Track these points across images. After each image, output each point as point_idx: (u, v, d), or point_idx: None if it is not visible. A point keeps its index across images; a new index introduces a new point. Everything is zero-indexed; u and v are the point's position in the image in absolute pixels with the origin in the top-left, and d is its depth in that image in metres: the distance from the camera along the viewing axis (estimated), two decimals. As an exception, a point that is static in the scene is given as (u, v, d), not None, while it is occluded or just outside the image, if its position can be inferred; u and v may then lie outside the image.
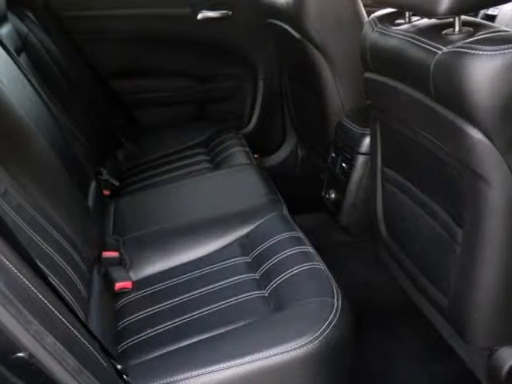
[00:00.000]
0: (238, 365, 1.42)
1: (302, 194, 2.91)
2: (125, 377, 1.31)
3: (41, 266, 1.23)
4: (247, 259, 1.90)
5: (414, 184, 1.95)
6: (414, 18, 1.83)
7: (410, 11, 1.81)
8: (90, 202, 2.19)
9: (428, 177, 1.86)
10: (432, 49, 1.58)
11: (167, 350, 1.56)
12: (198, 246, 2.01)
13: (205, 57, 3.38)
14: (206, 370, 1.41)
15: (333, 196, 2.70)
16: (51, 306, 1.06)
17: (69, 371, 1.01)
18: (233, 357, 1.43)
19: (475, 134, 1.49)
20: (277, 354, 1.43)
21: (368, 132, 2.33)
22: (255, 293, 1.72)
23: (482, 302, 1.69)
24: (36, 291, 1.04)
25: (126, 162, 3.01)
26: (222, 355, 1.45)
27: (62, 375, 1.01)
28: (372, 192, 2.28)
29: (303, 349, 1.44)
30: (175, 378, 1.40)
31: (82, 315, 1.50)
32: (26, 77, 2.16)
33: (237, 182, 2.50)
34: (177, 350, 1.55)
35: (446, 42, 1.57)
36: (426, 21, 1.79)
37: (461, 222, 1.69)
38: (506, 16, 2.46)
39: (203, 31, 3.25)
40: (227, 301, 1.70)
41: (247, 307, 1.67)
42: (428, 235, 1.88)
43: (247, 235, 2.03)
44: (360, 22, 2.47)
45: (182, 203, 2.36)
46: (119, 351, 1.61)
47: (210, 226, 2.10)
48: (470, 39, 1.51)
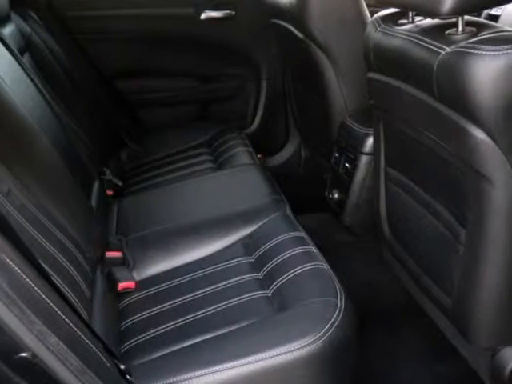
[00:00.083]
0: (242, 365, 1.41)
1: (305, 193, 2.91)
2: (128, 377, 1.31)
3: (44, 265, 1.23)
4: (250, 259, 1.90)
5: (418, 184, 1.95)
6: (417, 18, 1.83)
7: (413, 11, 1.81)
8: (94, 202, 2.20)
9: (431, 177, 1.86)
10: (435, 49, 1.57)
11: (170, 349, 1.56)
12: (201, 246, 2.01)
13: (208, 57, 3.38)
14: (210, 370, 1.41)
15: (336, 196, 2.70)
16: (54, 306, 1.06)
17: (72, 371, 1.02)
18: (236, 357, 1.43)
19: (478, 133, 1.49)
20: (280, 354, 1.43)
21: (371, 132, 2.33)
22: (258, 293, 1.72)
23: (485, 301, 1.69)
24: (39, 291, 1.04)
25: (129, 161, 3.01)
26: (226, 355, 1.45)
27: (65, 375, 1.01)
28: (375, 192, 2.28)
29: (306, 349, 1.43)
30: (178, 377, 1.40)
31: (85, 315, 1.50)
32: (30, 77, 2.17)
33: (240, 182, 2.50)
34: (180, 350, 1.55)
35: (449, 42, 1.57)
36: (429, 21, 1.79)
37: (464, 222, 1.69)
38: (509, 16, 2.46)
39: (206, 31, 3.26)
40: (230, 301, 1.70)
41: (250, 307, 1.67)
42: (431, 235, 1.88)
43: (250, 235, 2.03)
44: (363, 22, 2.46)
45: (185, 203, 2.36)
46: (122, 351, 1.61)
47: (213, 226, 2.10)
48: (474, 39, 1.51)
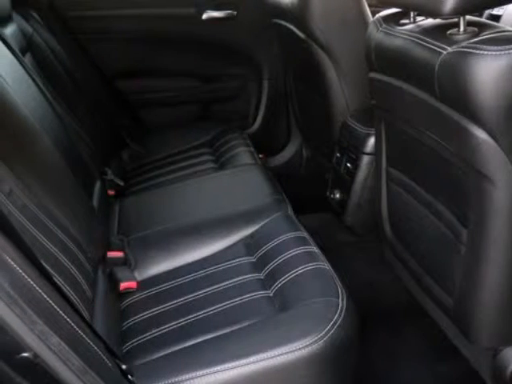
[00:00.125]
0: (243, 365, 1.41)
1: (307, 193, 2.91)
2: (130, 377, 1.31)
3: (46, 266, 1.23)
4: (252, 259, 1.90)
5: (419, 184, 1.95)
6: (418, 18, 1.83)
7: (414, 11, 1.81)
8: (95, 202, 2.20)
9: (433, 177, 1.86)
10: (437, 49, 1.57)
11: (172, 349, 1.56)
12: (202, 245, 2.01)
13: (210, 57, 3.38)
14: (211, 370, 1.41)
15: (337, 196, 2.70)
16: (56, 306, 1.06)
17: (73, 371, 1.02)
18: (238, 357, 1.43)
19: (480, 134, 1.49)
20: (282, 354, 1.43)
21: (373, 132, 2.33)
22: (260, 293, 1.72)
23: (486, 301, 1.69)
24: (41, 291, 1.04)
25: (130, 161, 3.01)
26: (227, 355, 1.45)
27: (67, 375, 1.01)
28: (377, 192, 2.28)
29: (308, 349, 1.43)
30: (180, 378, 1.40)
31: (86, 315, 1.50)
32: (31, 77, 2.16)
33: (241, 181, 2.50)
34: (182, 349, 1.55)
35: (450, 42, 1.57)
36: (430, 21, 1.79)
37: (466, 222, 1.69)
38: (510, 16, 2.45)
39: (208, 31, 3.26)
40: (232, 301, 1.70)
41: (252, 307, 1.67)
42: (433, 235, 1.88)
43: (252, 235, 2.03)
44: (365, 22, 2.47)
45: (186, 203, 2.36)
46: (124, 351, 1.62)
47: (214, 226, 2.10)
48: (475, 39, 1.51)
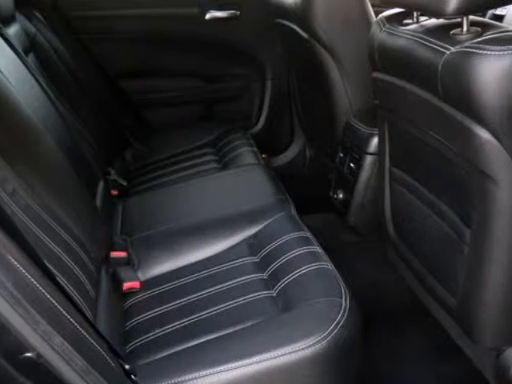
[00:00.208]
0: (246, 365, 1.42)
1: (310, 193, 2.91)
2: (133, 377, 1.31)
3: (49, 265, 1.23)
4: (255, 259, 1.90)
5: (422, 184, 1.94)
6: (421, 18, 1.83)
7: (418, 11, 1.81)
8: (98, 202, 2.20)
9: (436, 177, 1.85)
10: (440, 49, 1.57)
11: (175, 349, 1.56)
12: (205, 246, 2.01)
13: (213, 57, 3.38)
14: (214, 369, 1.41)
15: (341, 196, 2.70)
16: (59, 306, 1.06)
17: (77, 371, 1.02)
18: (241, 357, 1.43)
19: (483, 134, 1.49)
20: (285, 354, 1.43)
21: (376, 132, 2.33)
22: (263, 293, 1.72)
23: (489, 301, 1.69)
24: (44, 291, 1.04)
25: (133, 161, 3.01)
26: (230, 355, 1.45)
27: (70, 375, 1.01)
28: (380, 192, 2.28)
29: (311, 349, 1.43)
30: (183, 378, 1.40)
31: (89, 315, 1.50)
32: (34, 77, 2.17)
33: (245, 181, 2.50)
34: (185, 349, 1.55)
35: (454, 41, 1.57)
36: (434, 21, 1.79)
37: (469, 222, 1.68)
38: (514, 16, 2.46)
39: (211, 31, 3.26)
40: (235, 301, 1.70)
41: (255, 307, 1.67)
42: (436, 235, 1.88)
43: (255, 235, 2.03)
44: (368, 22, 2.47)
45: (189, 203, 2.36)
46: (127, 351, 1.62)
47: (217, 226, 2.10)
48: (478, 39, 1.51)
